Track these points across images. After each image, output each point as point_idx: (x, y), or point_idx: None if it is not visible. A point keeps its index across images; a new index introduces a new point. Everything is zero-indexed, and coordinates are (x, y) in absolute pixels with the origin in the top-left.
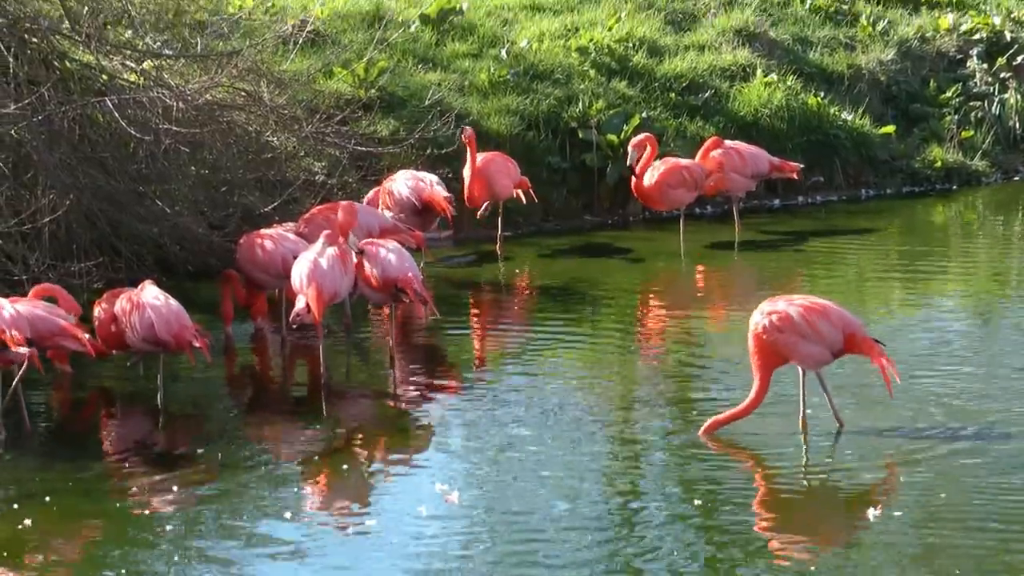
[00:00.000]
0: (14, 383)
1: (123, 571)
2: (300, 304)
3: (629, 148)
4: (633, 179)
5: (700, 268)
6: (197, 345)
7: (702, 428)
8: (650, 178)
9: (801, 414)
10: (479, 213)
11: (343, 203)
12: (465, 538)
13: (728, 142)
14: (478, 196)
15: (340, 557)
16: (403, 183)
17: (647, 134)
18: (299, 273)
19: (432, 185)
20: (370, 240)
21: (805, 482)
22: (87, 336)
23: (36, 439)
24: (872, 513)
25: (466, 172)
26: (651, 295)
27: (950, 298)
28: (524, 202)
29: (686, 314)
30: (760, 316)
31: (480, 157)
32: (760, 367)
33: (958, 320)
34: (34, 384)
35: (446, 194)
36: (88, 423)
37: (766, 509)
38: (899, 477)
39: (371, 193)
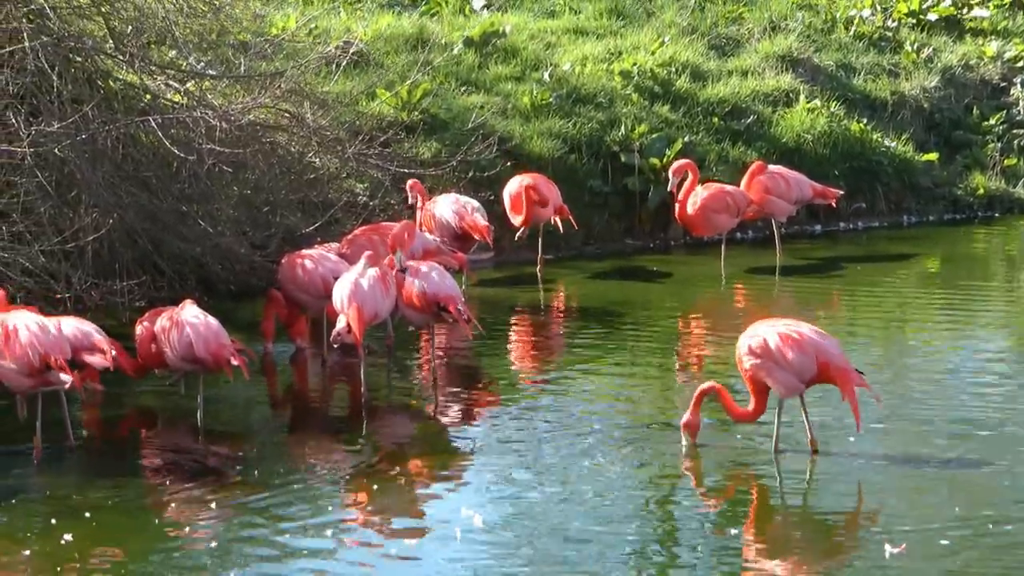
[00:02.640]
0: (63, 403)
1: None
2: (341, 324)
3: (669, 173)
4: (677, 206)
5: (741, 292)
6: (235, 363)
7: (700, 388)
8: (693, 204)
9: (774, 438)
10: (518, 235)
11: (404, 222)
12: (498, 561)
13: (772, 167)
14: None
15: None
16: (446, 207)
17: (687, 160)
18: (340, 293)
19: (473, 212)
20: (413, 262)
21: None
22: (114, 353)
23: (77, 455)
24: (889, 551)
25: (507, 191)
26: (692, 319)
27: (988, 327)
28: (562, 231)
29: (726, 338)
30: (743, 340)
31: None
32: (752, 389)
33: (995, 349)
34: (76, 401)
35: (485, 223)
36: (129, 440)
37: (804, 536)
38: (919, 506)
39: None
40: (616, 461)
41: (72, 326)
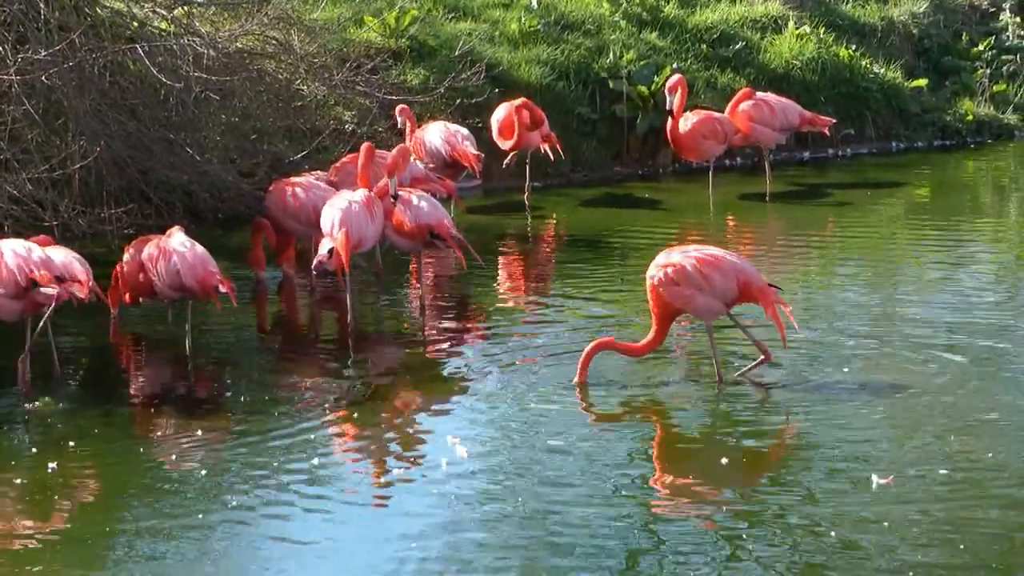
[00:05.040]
0: (43, 320)
1: (146, 517)
2: (323, 249)
3: (666, 92)
4: (669, 121)
5: (730, 219)
6: (223, 290)
7: (588, 347)
8: (684, 125)
9: (716, 368)
10: (505, 162)
11: (400, 147)
12: (482, 491)
13: (759, 94)
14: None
15: (367, 504)
16: (436, 135)
17: (679, 76)
18: (329, 218)
19: (463, 140)
20: (403, 190)
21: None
22: (87, 285)
23: (63, 384)
24: (876, 481)
25: (495, 117)
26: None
27: (978, 252)
28: (552, 159)
29: None
30: (656, 269)
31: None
32: (657, 317)
33: (985, 275)
34: (63, 330)
35: (475, 151)
36: (115, 369)
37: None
38: (910, 436)
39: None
40: (603, 389)
41: (63, 254)
